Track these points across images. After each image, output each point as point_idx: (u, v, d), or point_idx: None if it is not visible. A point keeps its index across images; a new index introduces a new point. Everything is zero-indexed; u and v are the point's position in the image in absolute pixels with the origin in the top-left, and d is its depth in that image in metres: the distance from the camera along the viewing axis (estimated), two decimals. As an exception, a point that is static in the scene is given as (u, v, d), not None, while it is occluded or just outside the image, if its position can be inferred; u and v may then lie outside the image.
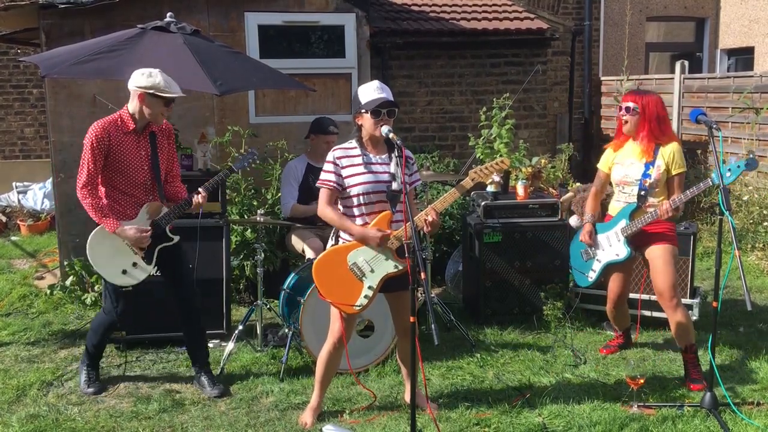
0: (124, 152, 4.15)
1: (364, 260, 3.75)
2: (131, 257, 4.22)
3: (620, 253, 4.51)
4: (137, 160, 4.19)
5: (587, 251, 4.69)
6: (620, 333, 4.94)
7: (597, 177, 4.76)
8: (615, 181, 4.58)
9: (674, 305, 4.32)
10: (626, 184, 4.49)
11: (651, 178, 4.36)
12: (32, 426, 3.94)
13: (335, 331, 3.85)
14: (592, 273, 4.67)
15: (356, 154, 3.80)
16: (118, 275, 4.21)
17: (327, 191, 3.79)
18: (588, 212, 4.76)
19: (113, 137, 4.12)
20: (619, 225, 4.51)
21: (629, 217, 4.45)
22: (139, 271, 4.23)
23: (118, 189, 4.20)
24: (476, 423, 3.92)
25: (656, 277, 4.39)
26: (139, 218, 4.22)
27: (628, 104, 4.42)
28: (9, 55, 10.52)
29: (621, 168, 4.52)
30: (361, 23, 7.10)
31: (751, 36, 12.05)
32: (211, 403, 4.25)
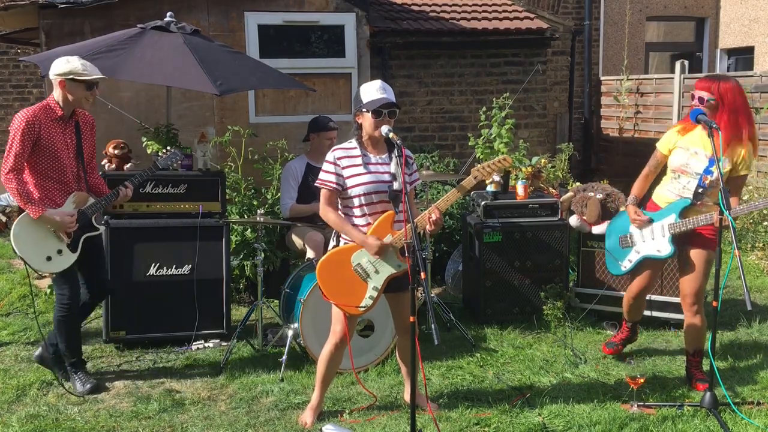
0: (53, 139, 4.19)
1: (368, 261, 3.75)
2: (56, 244, 4.25)
3: (663, 250, 4.26)
4: (65, 148, 4.24)
5: (626, 238, 4.39)
6: (627, 326, 4.76)
7: (653, 157, 4.34)
8: (673, 166, 4.22)
9: (695, 311, 4.26)
10: (684, 173, 4.16)
11: (713, 175, 4.07)
12: (32, 426, 3.94)
13: (338, 332, 3.85)
14: (628, 263, 4.40)
15: (356, 155, 3.79)
16: (42, 262, 4.23)
17: (327, 192, 3.79)
18: (633, 193, 4.38)
19: (43, 124, 4.16)
20: (667, 219, 4.23)
21: (680, 214, 4.20)
22: (64, 258, 4.26)
23: (46, 176, 4.22)
24: (476, 423, 3.92)
25: (686, 279, 4.27)
26: (66, 206, 4.26)
27: (701, 94, 4.01)
28: (9, 55, 10.52)
29: (683, 153, 4.16)
30: (360, 23, 7.10)
31: (751, 36, 12.05)
32: (211, 403, 4.25)
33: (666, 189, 4.31)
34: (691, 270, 4.25)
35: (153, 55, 4.88)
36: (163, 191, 5.10)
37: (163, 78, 4.97)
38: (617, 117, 10.93)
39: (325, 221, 3.88)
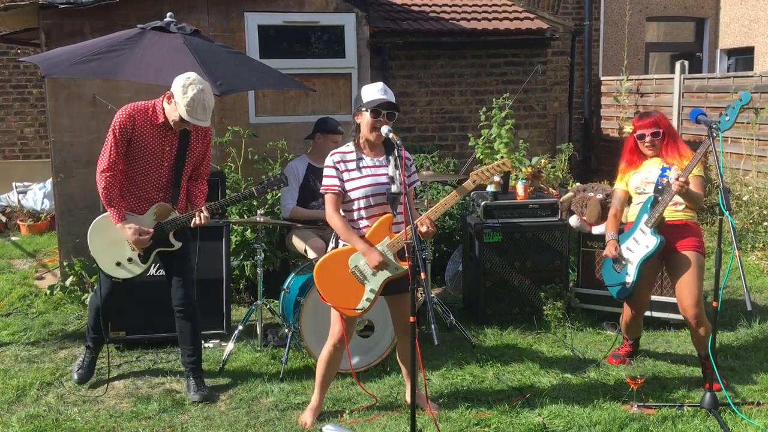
0: (146, 143, 4.07)
1: (365, 263, 3.75)
2: (127, 252, 4.22)
3: (650, 244, 4.31)
4: (158, 155, 4.11)
5: (619, 262, 4.49)
6: (629, 342, 4.83)
7: (615, 197, 4.67)
8: (635, 185, 4.50)
9: (698, 321, 4.23)
10: (647, 184, 4.41)
11: (669, 177, 4.27)
12: (32, 426, 3.94)
13: (336, 333, 3.85)
14: (629, 277, 4.42)
15: (354, 158, 3.80)
16: (111, 265, 4.22)
17: (333, 196, 3.79)
18: (609, 231, 4.60)
19: (138, 125, 4.02)
20: (641, 221, 4.37)
21: (649, 209, 4.34)
22: (133, 266, 4.24)
23: (132, 180, 4.14)
24: (476, 423, 3.92)
25: (682, 291, 4.27)
26: (147, 216, 4.19)
27: (654, 131, 4.41)
28: (9, 55, 10.52)
29: (639, 174, 4.50)
30: (360, 23, 7.10)
31: (751, 36, 12.05)
32: (211, 403, 4.25)
33: (635, 206, 4.53)
34: (683, 279, 4.28)
35: (153, 55, 4.88)
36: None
37: (163, 78, 4.95)
38: (617, 117, 10.93)
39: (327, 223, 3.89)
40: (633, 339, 4.81)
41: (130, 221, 4.12)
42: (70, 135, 6.38)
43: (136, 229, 4.11)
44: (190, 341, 4.41)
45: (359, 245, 3.73)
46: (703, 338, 4.27)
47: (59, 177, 6.37)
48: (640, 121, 4.51)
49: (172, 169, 4.17)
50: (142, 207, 4.18)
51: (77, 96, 6.39)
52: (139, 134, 4.04)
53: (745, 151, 8.26)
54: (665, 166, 4.36)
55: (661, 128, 4.43)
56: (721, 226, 4.03)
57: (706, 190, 8.09)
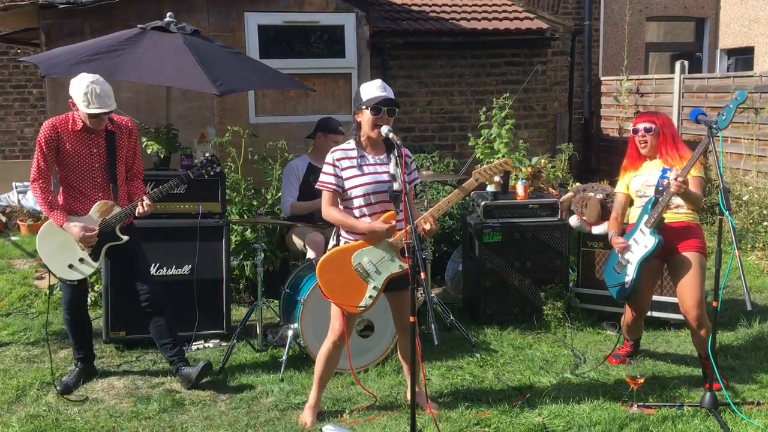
0: (75, 150, 4.22)
1: (369, 261, 3.75)
2: (78, 252, 4.27)
3: (649, 244, 4.31)
4: (87, 158, 4.25)
5: (619, 263, 4.50)
6: (630, 343, 4.83)
7: (616, 201, 4.69)
8: (635, 188, 4.52)
9: (699, 323, 4.22)
10: (648, 187, 4.43)
11: (669, 179, 4.26)
12: (32, 426, 3.94)
13: (336, 330, 3.85)
14: (628, 277, 4.42)
15: (354, 156, 3.80)
16: (64, 269, 4.27)
17: (328, 193, 3.80)
18: (611, 230, 4.61)
19: (63, 135, 4.19)
20: (642, 222, 4.38)
21: (650, 211, 4.34)
22: (85, 266, 4.29)
23: (70, 185, 4.27)
24: (476, 423, 3.92)
25: (683, 291, 4.27)
26: (90, 216, 4.26)
27: (644, 125, 4.46)
28: (9, 55, 10.52)
29: (639, 178, 4.52)
30: (360, 23, 7.10)
31: (751, 36, 12.05)
32: (211, 403, 4.25)
33: (636, 208, 4.55)
34: (685, 280, 4.27)
35: (153, 55, 4.88)
36: (163, 191, 5.10)
37: (163, 78, 4.97)
38: (617, 117, 10.93)
39: (327, 221, 3.89)
40: (634, 340, 4.81)
41: (74, 221, 4.21)
42: (70, 135, 6.37)
43: (81, 226, 4.21)
44: (168, 333, 4.48)
45: (361, 226, 3.73)
46: (704, 339, 4.26)
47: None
48: (637, 117, 4.61)
49: (105, 169, 4.30)
50: (84, 209, 4.28)
51: (77, 96, 6.38)
52: (65, 142, 4.21)
53: (745, 151, 8.26)
54: (665, 167, 4.36)
55: (655, 124, 4.45)
56: (721, 226, 4.03)
57: (706, 190, 8.08)
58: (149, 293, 4.42)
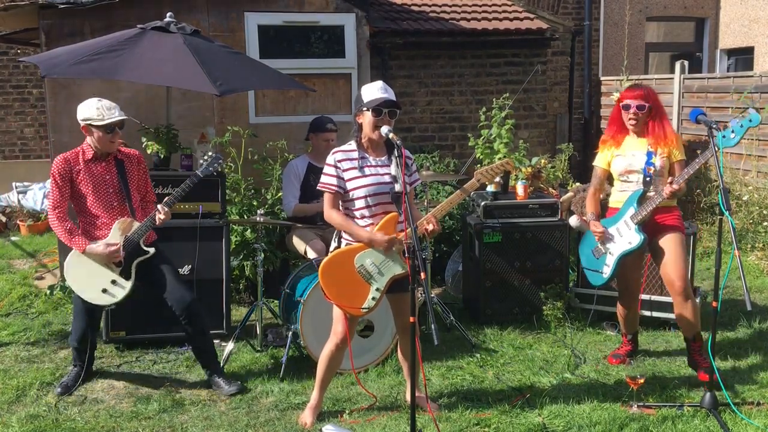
0: (89, 179, 4.29)
1: (371, 262, 3.75)
2: (109, 275, 4.27)
3: (633, 241, 4.35)
4: (101, 185, 4.31)
5: (598, 248, 4.52)
6: (629, 339, 4.82)
7: (594, 175, 4.66)
8: (618, 171, 4.48)
9: (685, 296, 4.28)
10: (630, 173, 4.41)
11: (655, 165, 4.32)
12: (32, 426, 3.94)
13: (339, 332, 3.85)
14: (606, 268, 4.48)
15: (356, 157, 3.80)
16: (99, 295, 4.26)
17: (330, 195, 3.80)
18: (589, 211, 4.63)
19: (74, 166, 4.28)
20: (627, 213, 4.39)
21: (637, 203, 4.36)
22: (118, 288, 4.27)
23: (87, 214, 4.32)
24: (476, 423, 3.92)
25: (667, 266, 4.33)
26: (111, 236, 4.27)
27: (638, 102, 4.36)
28: (9, 55, 10.52)
29: (623, 159, 4.45)
30: (360, 23, 7.10)
31: (751, 36, 12.05)
32: (211, 403, 4.25)
33: (619, 192, 4.51)
34: (669, 257, 4.33)
35: (153, 55, 4.88)
36: (162, 191, 5.09)
37: (163, 78, 4.97)
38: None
39: (328, 223, 3.89)
40: (631, 333, 4.81)
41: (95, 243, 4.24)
42: (70, 135, 6.37)
43: (104, 244, 4.22)
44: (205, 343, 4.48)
45: (363, 234, 3.73)
46: (691, 317, 4.32)
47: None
48: (628, 91, 4.44)
49: (119, 192, 4.36)
50: (104, 234, 4.30)
51: (77, 96, 6.36)
52: (78, 173, 4.28)
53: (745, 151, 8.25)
54: (650, 150, 4.35)
55: (648, 102, 4.37)
56: (721, 226, 4.03)
57: (706, 190, 8.09)
58: (186, 305, 4.37)
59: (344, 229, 3.80)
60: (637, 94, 4.39)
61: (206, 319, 4.51)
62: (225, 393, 4.34)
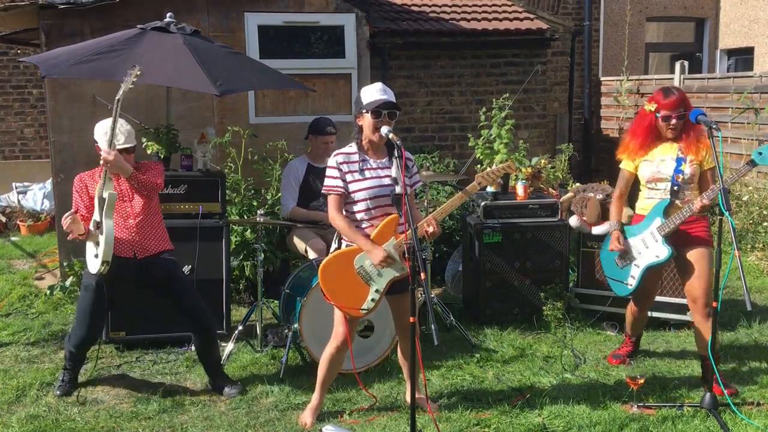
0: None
1: (371, 264, 3.75)
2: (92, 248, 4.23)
3: (661, 254, 4.23)
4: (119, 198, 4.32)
5: (622, 258, 4.41)
6: (632, 340, 4.77)
7: (621, 178, 4.45)
8: (645, 178, 4.31)
9: (707, 315, 4.16)
10: (659, 180, 4.25)
11: (684, 173, 4.17)
12: (32, 426, 3.94)
13: (340, 334, 3.85)
14: (632, 279, 4.35)
15: (357, 160, 3.80)
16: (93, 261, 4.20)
17: (335, 197, 3.79)
18: (613, 218, 4.47)
19: (90, 185, 4.33)
20: (653, 224, 4.26)
21: (663, 214, 4.23)
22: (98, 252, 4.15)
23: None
24: (476, 423, 3.92)
25: (693, 283, 4.20)
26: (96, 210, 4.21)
27: (680, 113, 4.15)
28: (9, 55, 10.52)
29: (650, 165, 4.28)
30: (360, 23, 7.10)
31: (751, 36, 12.05)
32: (211, 403, 4.25)
33: (646, 200, 4.37)
34: (697, 271, 4.20)
35: (153, 55, 4.87)
36: (162, 192, 5.09)
37: (163, 79, 4.97)
38: (617, 117, 10.93)
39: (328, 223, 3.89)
40: (636, 335, 4.76)
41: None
42: (70, 135, 6.38)
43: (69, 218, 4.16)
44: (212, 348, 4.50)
45: (363, 244, 3.73)
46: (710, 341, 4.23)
47: (59, 177, 6.37)
48: (666, 99, 4.18)
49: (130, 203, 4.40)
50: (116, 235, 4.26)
51: (77, 96, 6.39)
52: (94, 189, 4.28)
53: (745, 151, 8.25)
54: (680, 156, 4.18)
55: (685, 108, 4.18)
56: (721, 226, 4.03)
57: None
58: (194, 317, 4.40)
59: (346, 236, 3.81)
60: (674, 102, 4.16)
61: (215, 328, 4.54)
62: (226, 395, 4.34)
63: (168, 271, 4.41)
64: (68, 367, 4.48)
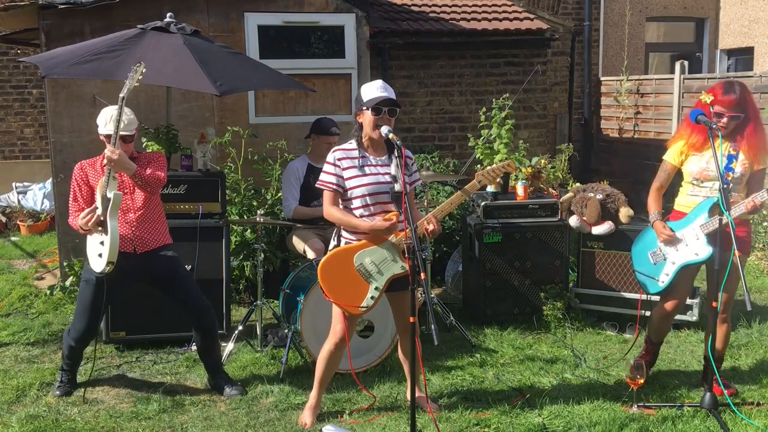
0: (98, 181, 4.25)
1: (371, 261, 3.75)
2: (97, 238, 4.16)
3: (700, 253, 4.03)
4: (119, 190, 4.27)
5: (656, 252, 4.21)
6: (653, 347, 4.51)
7: (663, 170, 4.22)
8: (692, 174, 4.11)
9: (724, 318, 4.13)
10: (706, 179, 4.05)
11: (735, 172, 3.98)
12: (32, 426, 3.94)
13: (338, 332, 3.85)
14: (665, 276, 4.16)
15: (356, 156, 3.80)
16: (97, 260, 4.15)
17: (330, 193, 3.80)
18: (654, 210, 4.23)
19: (91, 174, 4.29)
20: (697, 221, 4.06)
21: (709, 212, 4.03)
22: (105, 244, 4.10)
23: None
24: (476, 423, 3.92)
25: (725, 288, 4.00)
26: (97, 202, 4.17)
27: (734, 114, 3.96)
28: (9, 55, 10.52)
29: (699, 160, 4.06)
30: (360, 23, 7.10)
31: (751, 36, 12.05)
32: (211, 404, 4.25)
33: (689, 196, 4.18)
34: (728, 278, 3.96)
35: (153, 55, 4.87)
36: (162, 192, 5.08)
37: (163, 79, 4.97)
38: (617, 117, 10.93)
39: (328, 221, 3.89)
40: (659, 341, 4.50)
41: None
42: (70, 135, 6.38)
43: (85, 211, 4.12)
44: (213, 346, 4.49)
45: (362, 225, 3.73)
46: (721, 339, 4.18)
47: (59, 177, 6.37)
48: (725, 95, 3.98)
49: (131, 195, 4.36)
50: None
51: (77, 96, 6.39)
52: (93, 177, 4.28)
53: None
54: (731, 153, 3.99)
55: (742, 111, 3.95)
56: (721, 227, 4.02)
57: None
58: (197, 315, 4.39)
59: (344, 224, 3.79)
60: (731, 100, 3.96)
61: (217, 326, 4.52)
62: (227, 396, 4.34)
63: (170, 267, 4.39)
64: (66, 367, 4.48)
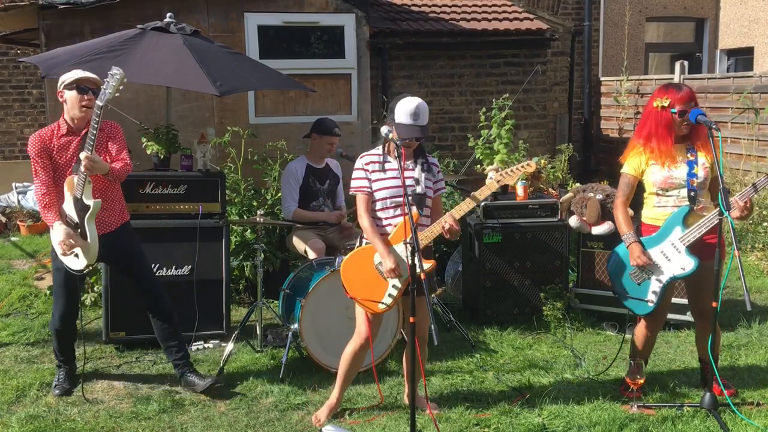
0: (63, 154, 4.22)
1: None
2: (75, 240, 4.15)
3: (687, 266, 3.92)
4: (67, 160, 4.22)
5: (637, 273, 4.07)
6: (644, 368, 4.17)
7: (625, 184, 4.10)
8: (656, 184, 3.99)
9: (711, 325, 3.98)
10: (671, 187, 3.97)
11: (698, 177, 3.93)
12: (32, 426, 3.94)
13: (362, 333, 3.90)
14: (653, 296, 4.03)
15: (380, 161, 3.88)
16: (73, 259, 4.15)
17: (363, 197, 3.87)
18: (627, 229, 4.05)
19: (49, 143, 4.22)
20: (673, 234, 3.96)
21: (683, 222, 3.95)
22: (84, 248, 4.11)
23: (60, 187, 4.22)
24: (476, 423, 3.92)
25: (703, 295, 4.01)
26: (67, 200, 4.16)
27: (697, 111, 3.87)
28: (9, 55, 10.53)
29: (660, 169, 3.97)
30: (360, 24, 7.11)
31: (750, 36, 12.06)
32: (211, 404, 4.25)
33: (657, 208, 4.06)
34: (705, 284, 3.98)
35: (153, 56, 4.88)
36: (162, 192, 5.10)
37: (163, 79, 4.97)
38: (617, 118, 10.94)
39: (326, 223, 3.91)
40: (646, 357, 4.35)
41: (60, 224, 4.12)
42: (70, 135, 6.36)
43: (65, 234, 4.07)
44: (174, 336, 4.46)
45: (380, 248, 3.79)
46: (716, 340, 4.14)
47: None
48: (680, 92, 3.91)
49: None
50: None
51: (77, 96, 6.38)
52: (55, 148, 4.22)
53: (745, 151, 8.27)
54: (690, 159, 3.94)
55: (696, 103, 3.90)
56: (721, 227, 4.03)
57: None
58: (155, 295, 4.40)
59: (368, 236, 3.87)
60: (687, 95, 3.91)
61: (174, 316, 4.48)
62: (200, 389, 4.31)
63: (131, 241, 4.39)
64: (60, 362, 4.48)
